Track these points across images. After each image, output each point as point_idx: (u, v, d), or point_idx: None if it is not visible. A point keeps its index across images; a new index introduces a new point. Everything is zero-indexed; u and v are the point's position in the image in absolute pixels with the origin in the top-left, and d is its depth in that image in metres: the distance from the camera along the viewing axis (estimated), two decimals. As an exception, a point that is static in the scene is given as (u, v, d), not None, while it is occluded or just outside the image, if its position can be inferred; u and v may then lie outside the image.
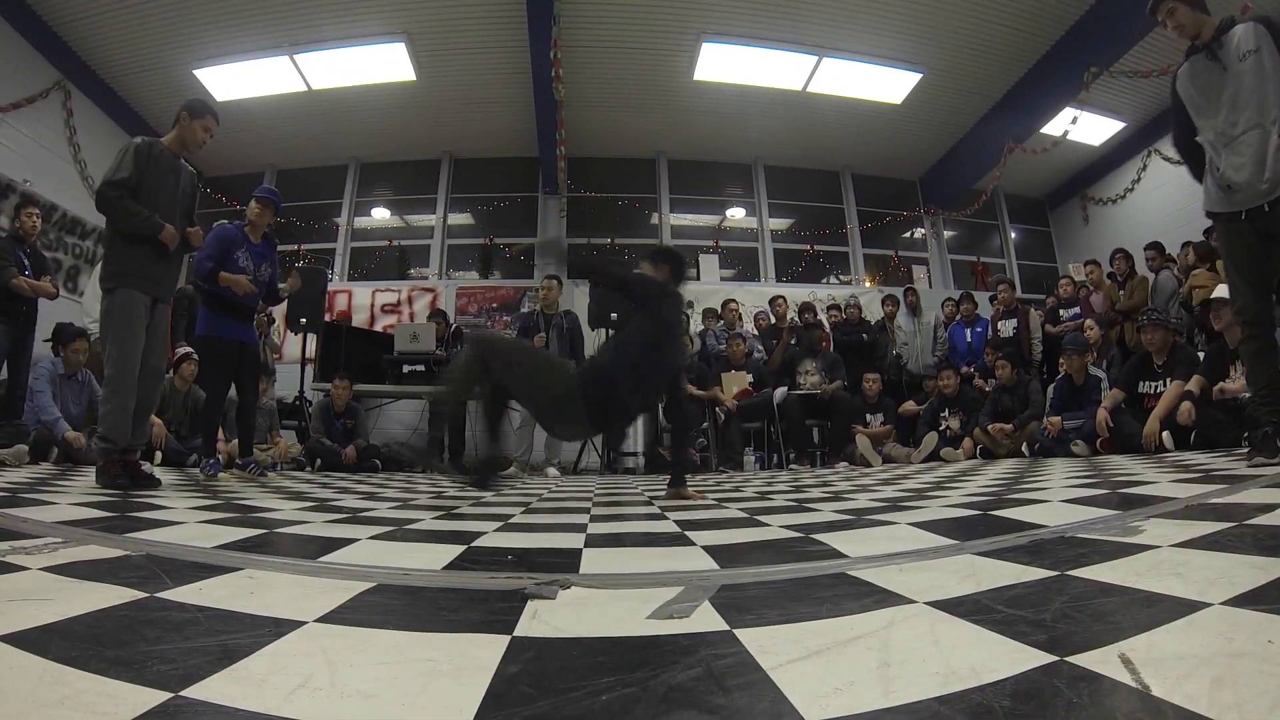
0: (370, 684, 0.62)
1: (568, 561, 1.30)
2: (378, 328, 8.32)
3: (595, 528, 1.84)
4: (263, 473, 4.19)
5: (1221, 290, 3.98)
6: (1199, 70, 2.71)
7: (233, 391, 4.09)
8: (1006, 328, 6.59)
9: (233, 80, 7.74)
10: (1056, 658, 0.62)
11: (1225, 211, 2.67)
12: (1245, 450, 2.96)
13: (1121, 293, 6.14)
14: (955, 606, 0.82)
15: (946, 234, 10.28)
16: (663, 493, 3.19)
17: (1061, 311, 6.60)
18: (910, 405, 6.24)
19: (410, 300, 8.88)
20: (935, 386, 6.12)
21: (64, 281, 7.08)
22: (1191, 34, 2.74)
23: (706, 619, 0.82)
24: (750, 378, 6.33)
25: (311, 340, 6.65)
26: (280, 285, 4.35)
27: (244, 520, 1.84)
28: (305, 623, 0.80)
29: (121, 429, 2.91)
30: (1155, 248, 6.43)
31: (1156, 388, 4.51)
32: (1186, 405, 3.94)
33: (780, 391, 6.16)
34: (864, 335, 7.12)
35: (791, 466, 5.84)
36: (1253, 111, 2.54)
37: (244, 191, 9.38)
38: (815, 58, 7.68)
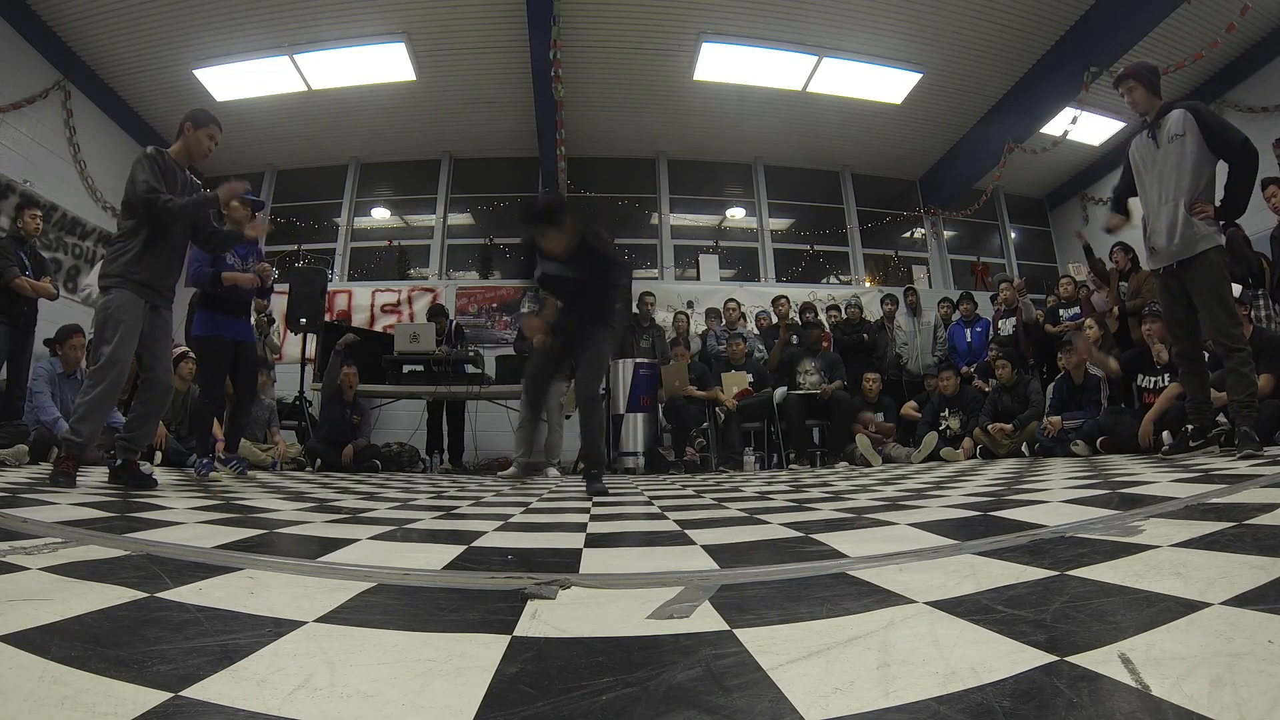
0: (370, 684, 0.62)
1: (568, 561, 1.30)
2: (378, 328, 8.32)
3: (595, 527, 1.84)
4: (244, 470, 4.18)
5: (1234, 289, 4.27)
6: (1141, 145, 3.33)
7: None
8: (1007, 326, 6.59)
9: (233, 80, 7.74)
10: (1056, 658, 0.62)
11: (1153, 268, 3.38)
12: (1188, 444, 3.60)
13: (1125, 286, 6.10)
14: (955, 606, 0.82)
15: (946, 234, 10.28)
16: (663, 492, 3.19)
17: (1061, 311, 6.60)
18: (911, 407, 6.24)
19: (410, 300, 8.88)
20: (935, 386, 6.12)
21: (64, 282, 7.09)
22: (1143, 111, 3.33)
23: (706, 619, 0.82)
24: (750, 378, 6.33)
25: (311, 340, 6.66)
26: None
27: (244, 520, 1.84)
28: (305, 623, 0.80)
29: (93, 424, 2.84)
30: None
31: (1155, 383, 4.53)
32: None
33: (780, 391, 6.16)
34: (864, 335, 7.12)
35: (791, 466, 5.84)
36: (1171, 187, 3.13)
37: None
38: (815, 58, 7.68)
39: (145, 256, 2.95)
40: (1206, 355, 3.50)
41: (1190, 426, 3.52)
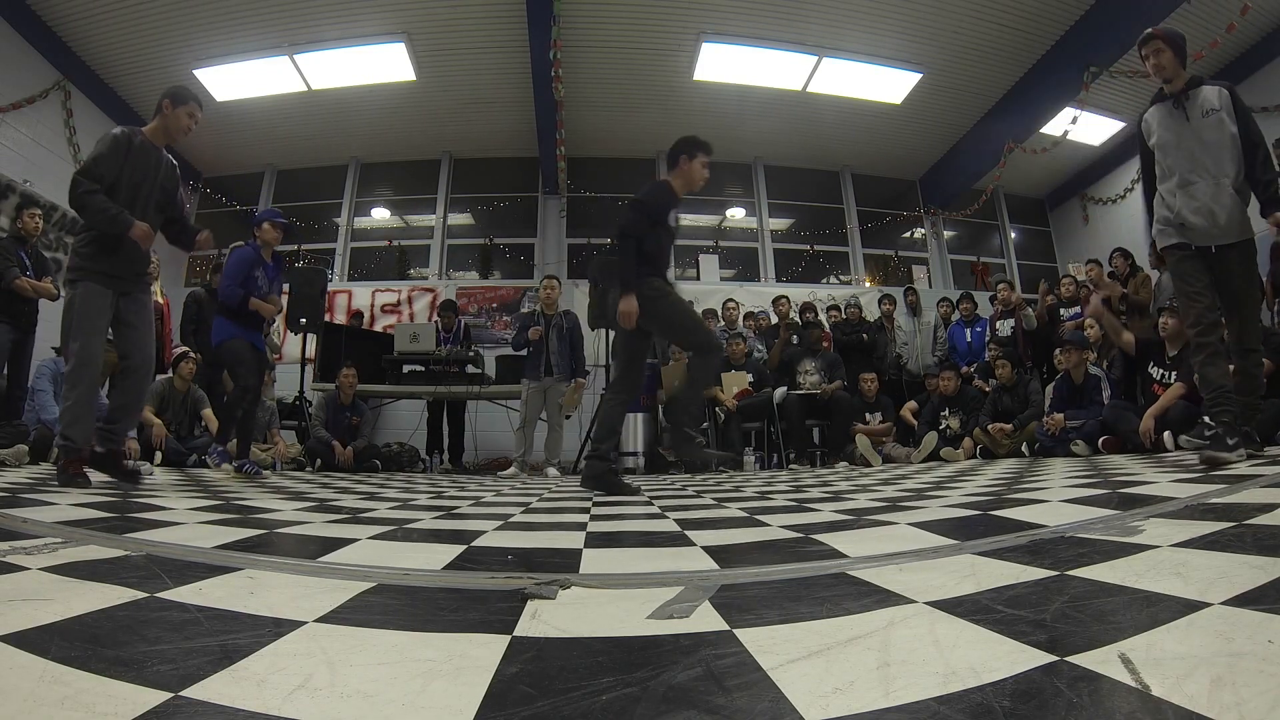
0: (370, 684, 0.62)
1: (568, 561, 1.30)
2: (378, 328, 8.32)
3: (595, 527, 1.84)
4: (259, 472, 4.23)
5: None
6: (1164, 115, 3.05)
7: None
8: (1005, 327, 6.59)
9: (233, 80, 7.75)
10: (1056, 658, 0.62)
11: (1176, 243, 3.03)
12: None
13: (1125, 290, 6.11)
14: (955, 606, 0.82)
15: (946, 234, 10.28)
16: (663, 492, 3.19)
17: (1062, 311, 6.60)
18: (910, 409, 6.24)
19: (410, 300, 8.88)
20: (936, 386, 6.12)
21: (64, 282, 7.08)
22: (1166, 77, 3.03)
23: (706, 619, 0.82)
24: (750, 378, 6.33)
25: (311, 340, 6.66)
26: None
27: (244, 520, 1.84)
28: (305, 623, 0.80)
29: (83, 427, 2.80)
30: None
31: (1164, 376, 4.53)
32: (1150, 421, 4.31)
33: (780, 391, 6.16)
34: (863, 335, 7.12)
35: (791, 466, 5.84)
36: (1210, 163, 2.90)
37: (244, 191, 9.47)
38: (815, 58, 7.68)
39: (111, 245, 2.85)
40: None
41: (1211, 424, 2.91)
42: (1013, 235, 10.48)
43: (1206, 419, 2.85)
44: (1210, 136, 2.90)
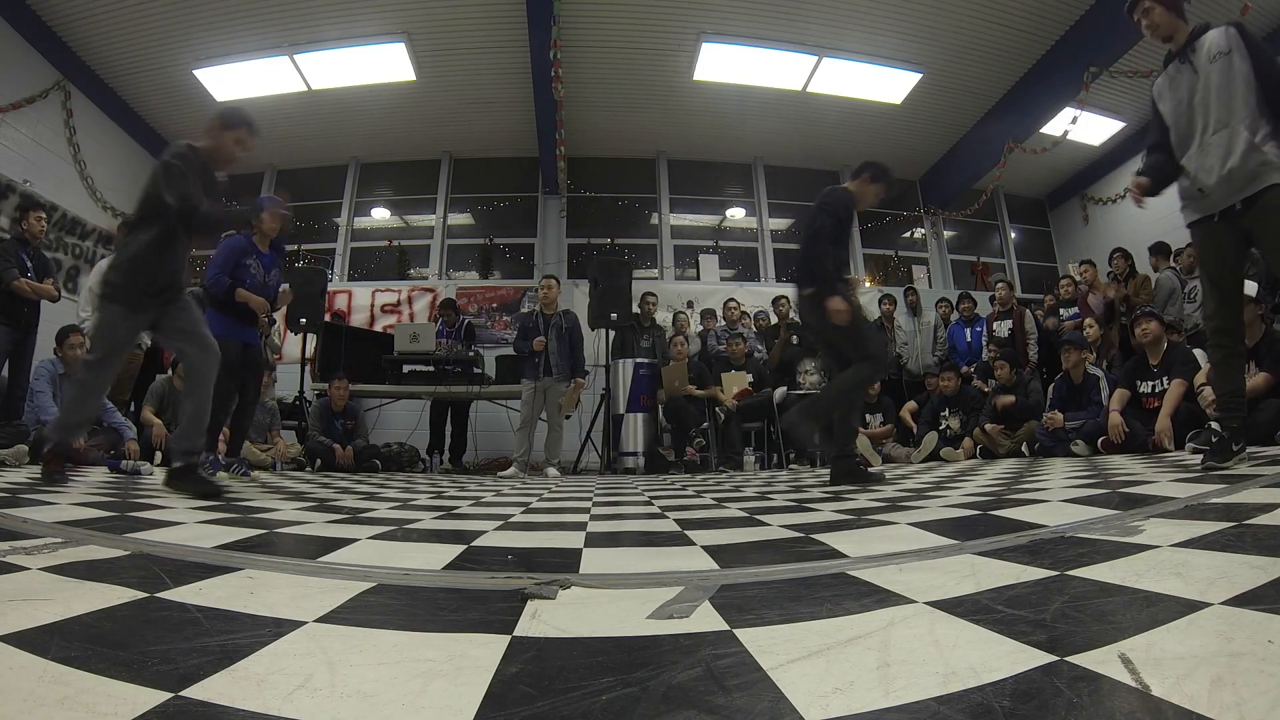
0: (370, 684, 0.62)
1: (568, 561, 1.30)
2: (378, 328, 8.32)
3: (595, 527, 1.84)
4: (246, 473, 4.21)
5: (1249, 287, 3.86)
6: (1173, 76, 2.73)
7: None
8: (1002, 328, 6.59)
9: (233, 80, 7.74)
10: (1056, 658, 0.62)
11: (1200, 217, 2.68)
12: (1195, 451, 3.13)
13: (1126, 289, 6.11)
14: (955, 606, 0.83)
15: (946, 234, 10.28)
16: (663, 492, 3.19)
17: (1061, 311, 6.60)
18: (910, 409, 6.24)
19: (410, 300, 8.88)
20: (936, 386, 6.12)
21: (64, 282, 7.08)
22: (1164, 35, 2.75)
23: (706, 619, 0.82)
24: (750, 377, 6.33)
25: (311, 340, 6.66)
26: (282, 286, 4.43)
27: (244, 520, 1.84)
28: (305, 623, 0.80)
29: (75, 431, 2.83)
30: (1160, 248, 6.40)
31: (1154, 386, 4.52)
32: (1116, 420, 4.45)
33: (780, 391, 6.16)
34: (864, 335, 7.11)
35: (791, 466, 5.84)
36: (1222, 112, 2.54)
37: (243, 191, 9.46)
38: (815, 58, 7.68)
39: (147, 257, 2.81)
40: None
41: (1218, 428, 2.66)
42: (1013, 235, 10.48)
43: (1215, 425, 2.63)
44: (1220, 81, 2.54)
